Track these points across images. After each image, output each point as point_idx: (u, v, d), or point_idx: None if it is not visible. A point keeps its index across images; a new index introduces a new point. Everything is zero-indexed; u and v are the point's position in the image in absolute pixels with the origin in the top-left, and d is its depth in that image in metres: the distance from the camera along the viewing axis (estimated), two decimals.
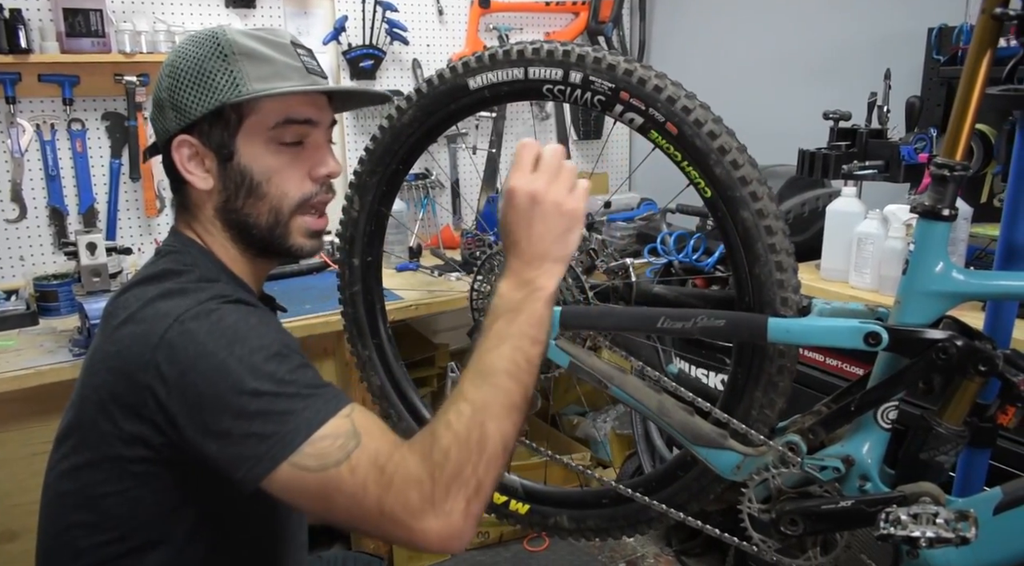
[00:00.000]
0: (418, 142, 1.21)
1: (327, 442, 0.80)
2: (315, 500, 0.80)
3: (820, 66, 2.55)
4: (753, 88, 2.77)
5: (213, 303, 0.87)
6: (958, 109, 0.90)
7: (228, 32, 0.96)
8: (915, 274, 0.95)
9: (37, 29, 2.18)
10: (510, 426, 0.84)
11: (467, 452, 0.80)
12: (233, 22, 2.44)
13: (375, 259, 1.33)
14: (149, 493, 0.90)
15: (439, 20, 2.85)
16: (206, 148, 0.96)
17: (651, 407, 1.08)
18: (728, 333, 1.02)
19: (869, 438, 1.00)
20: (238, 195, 0.97)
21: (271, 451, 0.80)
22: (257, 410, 0.80)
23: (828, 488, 1.00)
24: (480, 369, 0.86)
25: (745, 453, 1.04)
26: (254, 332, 0.85)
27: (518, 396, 0.85)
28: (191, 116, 0.94)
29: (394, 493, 0.78)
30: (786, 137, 2.07)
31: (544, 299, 0.90)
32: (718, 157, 0.98)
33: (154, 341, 0.83)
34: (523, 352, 0.87)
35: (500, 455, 0.83)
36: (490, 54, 1.09)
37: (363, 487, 0.79)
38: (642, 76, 1.00)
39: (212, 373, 0.81)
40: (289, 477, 0.80)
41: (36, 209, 2.32)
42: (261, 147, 0.96)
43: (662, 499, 1.15)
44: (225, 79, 0.93)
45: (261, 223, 0.98)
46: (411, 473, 0.79)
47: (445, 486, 0.78)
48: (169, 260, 0.95)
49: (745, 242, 0.99)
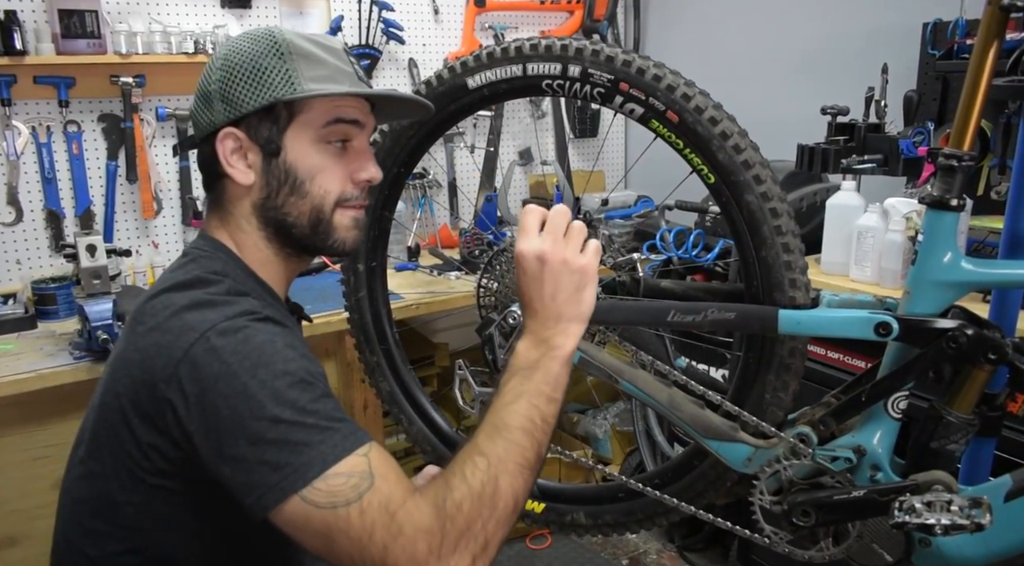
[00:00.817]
0: (419, 144, 1.21)
1: (340, 480, 0.79)
2: (318, 538, 0.79)
3: (816, 62, 2.56)
4: (749, 84, 2.78)
5: (242, 320, 0.86)
6: (965, 100, 0.91)
7: (285, 33, 0.97)
8: (924, 264, 0.95)
9: (32, 31, 2.17)
10: (522, 484, 0.84)
11: (479, 507, 0.80)
12: (229, 22, 2.44)
13: (380, 264, 1.33)
14: (165, 506, 0.89)
15: (435, 19, 2.85)
16: (252, 142, 0.96)
17: (662, 401, 1.08)
18: (738, 325, 1.03)
19: (880, 428, 1.00)
20: (280, 192, 0.97)
21: (282, 482, 0.78)
22: (274, 438, 0.79)
23: (840, 478, 1.01)
24: (496, 424, 0.86)
25: (756, 445, 1.04)
26: (280, 356, 0.84)
27: (532, 454, 0.86)
28: (242, 110, 0.94)
29: (402, 542, 0.77)
30: (783, 133, 2.08)
31: (560, 359, 0.91)
32: (720, 142, 0.98)
33: (178, 355, 0.83)
34: (539, 410, 0.88)
35: (511, 513, 0.83)
36: (488, 52, 1.10)
37: (370, 532, 0.77)
38: (640, 66, 1.00)
39: (233, 396, 0.80)
40: (296, 511, 0.78)
41: (32, 212, 2.31)
42: (308, 145, 0.97)
43: (673, 492, 1.15)
44: (280, 77, 0.94)
45: (303, 221, 0.98)
46: (422, 523, 0.78)
47: (454, 540, 0.78)
48: (199, 266, 0.94)
49: (751, 225, 0.99)
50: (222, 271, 0.94)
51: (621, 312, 1.09)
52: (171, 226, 2.53)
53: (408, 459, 2.54)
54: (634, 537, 2.55)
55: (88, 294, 1.87)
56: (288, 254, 1.02)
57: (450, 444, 1.34)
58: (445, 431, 1.36)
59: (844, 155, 1.84)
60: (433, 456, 1.35)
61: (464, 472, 0.82)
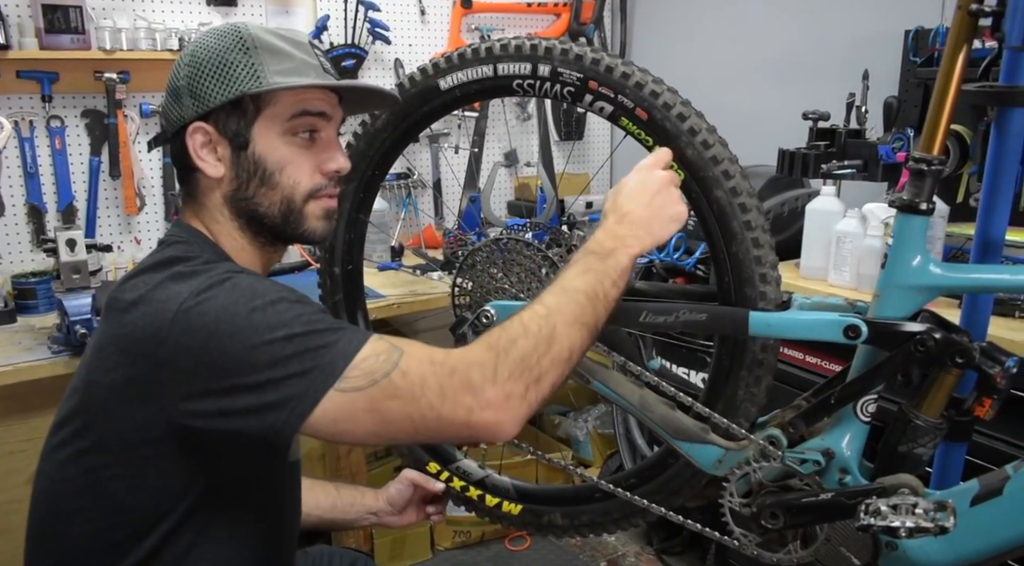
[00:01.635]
0: (393, 146, 1.21)
1: (370, 361, 0.83)
2: (367, 421, 0.82)
3: (800, 67, 2.58)
4: (733, 89, 2.80)
5: (224, 275, 0.88)
6: (935, 105, 0.91)
7: (250, 27, 0.98)
8: (894, 268, 0.96)
9: (16, 25, 2.15)
10: (579, 337, 0.88)
11: (535, 343, 0.84)
12: (215, 20, 2.43)
13: (356, 267, 1.33)
14: (155, 476, 0.90)
15: (421, 20, 2.85)
16: (221, 136, 0.97)
17: (633, 402, 1.08)
18: (709, 326, 1.03)
19: (849, 431, 1.01)
20: (250, 184, 0.99)
21: (314, 384, 0.81)
22: (293, 352, 0.82)
23: (808, 481, 1.01)
24: (563, 285, 0.91)
25: (726, 447, 1.05)
26: (271, 288, 0.88)
27: (591, 316, 0.89)
28: (210, 104, 0.95)
29: (457, 377, 0.82)
30: (766, 137, 2.09)
31: (630, 255, 0.95)
32: (688, 138, 0.99)
33: (169, 317, 0.84)
34: (603, 287, 0.92)
35: (565, 358, 0.86)
36: (459, 53, 1.10)
37: (420, 384, 0.82)
38: (609, 64, 1.01)
39: (237, 331, 0.82)
40: (338, 404, 0.82)
41: (14, 207, 2.29)
42: (276, 138, 0.98)
43: (648, 492, 1.16)
44: (246, 70, 0.95)
45: (273, 211, 1.00)
46: (474, 357, 0.83)
47: (508, 368, 0.82)
48: (175, 249, 0.96)
49: (720, 221, 1.00)
50: (198, 251, 0.96)
51: None
52: (154, 222, 2.51)
53: (387, 460, 2.54)
54: (612, 539, 2.56)
55: (67, 288, 1.86)
56: (262, 243, 1.03)
57: (428, 446, 1.34)
58: None
59: (824, 160, 1.85)
60: (410, 458, 1.35)
61: (521, 316, 0.87)
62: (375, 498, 1.37)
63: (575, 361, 0.89)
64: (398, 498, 1.37)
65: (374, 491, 1.39)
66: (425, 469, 1.34)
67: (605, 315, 0.92)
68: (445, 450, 1.34)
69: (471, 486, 1.32)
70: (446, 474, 1.33)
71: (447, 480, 1.33)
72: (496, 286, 1.17)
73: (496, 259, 1.18)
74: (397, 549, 2.47)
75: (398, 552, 2.48)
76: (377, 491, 1.38)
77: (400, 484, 1.37)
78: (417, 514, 1.40)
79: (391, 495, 1.37)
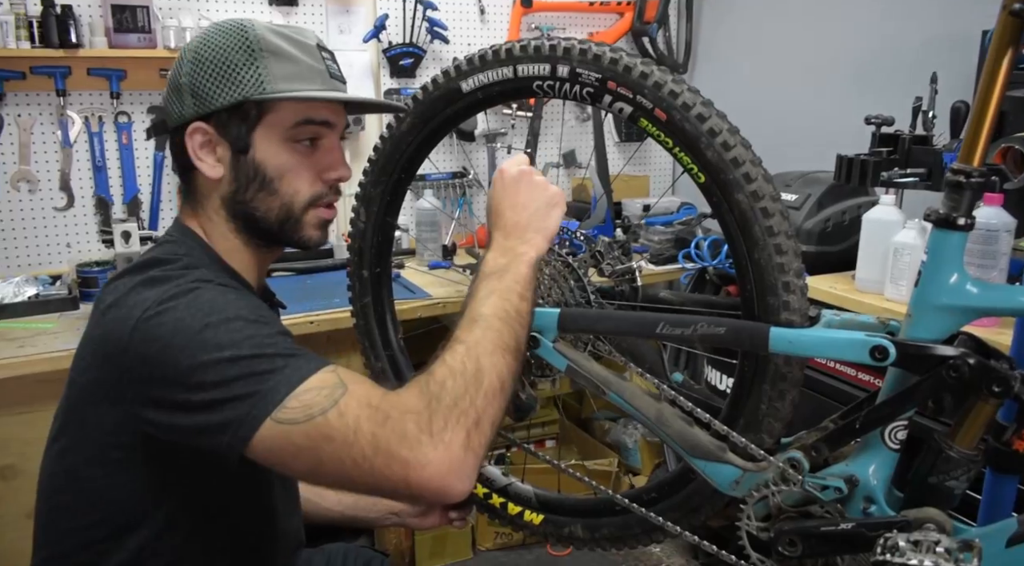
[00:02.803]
0: (418, 149, 1.21)
1: (311, 394, 0.78)
2: (302, 457, 0.78)
3: (869, 69, 2.46)
4: (800, 91, 2.69)
5: (193, 284, 0.87)
6: (976, 113, 0.85)
7: (256, 27, 0.96)
8: (927, 286, 0.89)
9: (87, 24, 2.24)
10: (504, 364, 0.84)
11: (464, 383, 0.80)
12: (275, 19, 2.48)
13: (384, 270, 1.33)
14: (129, 478, 0.90)
15: (480, 19, 2.85)
16: (221, 138, 0.97)
17: (650, 416, 1.04)
18: (728, 341, 0.98)
19: (875, 458, 0.95)
20: (248, 188, 0.98)
21: (253, 410, 0.78)
22: (238, 374, 0.79)
23: (830, 509, 0.95)
24: (471, 317, 0.88)
25: (744, 468, 1.00)
26: (231, 304, 0.85)
27: (509, 338, 0.87)
28: (211, 106, 0.95)
29: (390, 426, 0.76)
30: (833, 142, 2.00)
31: (527, 262, 0.94)
32: (708, 140, 0.95)
33: (132, 323, 0.84)
34: (511, 303, 0.90)
35: (498, 389, 0.83)
36: (480, 55, 1.09)
37: (354, 428, 0.76)
38: (628, 64, 0.98)
39: (189, 346, 0.81)
40: (273, 435, 0.77)
41: (83, 198, 2.40)
42: (277, 145, 0.97)
43: (664, 510, 1.12)
44: (250, 74, 0.94)
45: (271, 217, 0.99)
46: (408, 404, 0.78)
47: (443, 415, 0.77)
48: (162, 249, 0.97)
49: (742, 226, 0.96)
50: (184, 252, 0.96)
51: (611, 322, 1.06)
52: None
53: None
54: (657, 550, 2.50)
55: None
56: (257, 245, 1.02)
57: None
58: None
59: (886, 167, 1.75)
60: None
61: (443, 358, 0.83)
62: None
63: (508, 389, 0.85)
64: None
65: None
66: None
67: (525, 330, 0.91)
68: None
69: (494, 493, 1.30)
70: None
71: None
72: None
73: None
74: (438, 547, 2.48)
75: (439, 550, 2.48)
76: None
77: None
78: (440, 518, 1.38)
79: None
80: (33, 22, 2.14)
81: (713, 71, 3.10)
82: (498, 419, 0.82)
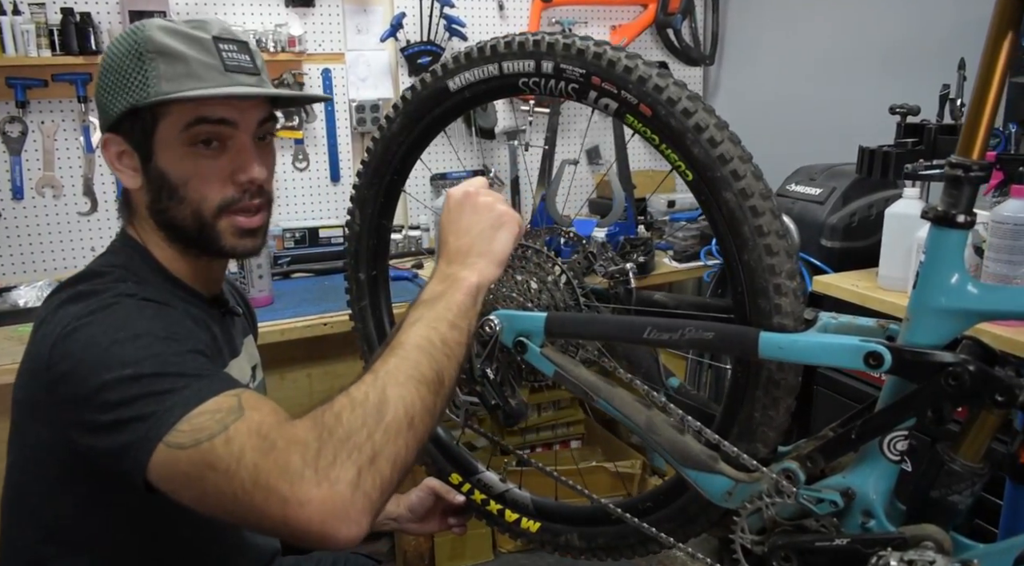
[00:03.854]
0: (410, 150, 1.18)
1: (205, 417, 0.73)
2: (190, 486, 0.73)
3: (900, 57, 2.36)
4: (828, 80, 2.60)
5: (113, 298, 0.85)
6: (975, 101, 0.79)
7: (147, 29, 0.93)
8: (925, 288, 0.84)
9: (106, 31, 2.27)
10: (416, 397, 0.76)
11: (362, 416, 0.72)
12: (292, 21, 2.48)
13: (381, 273, 1.31)
14: (71, 496, 0.89)
15: (499, 15, 2.81)
16: (130, 147, 0.95)
17: (639, 423, 1.01)
18: (717, 346, 0.94)
19: (874, 470, 0.90)
20: (160, 196, 0.95)
21: (148, 432, 0.73)
22: (138, 393, 0.76)
23: (825, 523, 0.91)
24: (391, 345, 0.82)
25: (736, 479, 0.95)
26: (144, 321, 0.82)
27: (428, 369, 0.79)
28: (111, 116, 0.93)
29: (273, 457, 0.69)
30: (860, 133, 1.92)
31: (464, 289, 0.87)
32: (694, 136, 0.90)
33: (52, 340, 0.83)
34: (438, 332, 0.83)
35: (405, 425, 0.74)
36: (465, 53, 1.06)
37: (238, 456, 0.70)
38: (612, 58, 0.94)
39: (97, 364, 0.78)
40: (164, 460, 0.72)
41: (106, 203, 2.43)
42: (177, 149, 0.93)
43: (658, 520, 1.08)
44: (137, 79, 0.90)
45: (186, 225, 0.96)
46: (296, 435, 0.71)
47: (333, 450, 0.69)
48: (99, 261, 0.96)
49: (731, 225, 0.91)
50: (121, 264, 0.94)
51: (597, 326, 1.02)
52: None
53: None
54: (682, 554, 2.44)
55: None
56: (195, 254, 0.99)
57: (450, 455, 1.31)
58: (445, 442, 1.32)
59: (910, 159, 1.67)
60: (434, 467, 1.32)
61: (348, 388, 0.76)
62: (396, 504, 1.35)
63: (421, 426, 0.76)
64: (419, 506, 1.34)
65: (395, 496, 1.36)
66: (448, 479, 1.31)
67: (452, 361, 0.83)
68: (467, 460, 1.30)
69: (492, 499, 1.28)
70: (468, 486, 1.29)
71: (468, 492, 1.29)
72: (504, 294, 1.12)
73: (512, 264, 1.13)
74: (458, 549, 2.46)
75: (459, 552, 2.47)
76: (399, 496, 1.36)
77: (421, 492, 1.34)
78: (439, 524, 1.37)
79: (412, 502, 1.34)
80: (53, 30, 2.17)
81: (740, 61, 3.02)
82: (403, 458, 0.73)
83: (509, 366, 1.12)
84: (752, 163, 0.92)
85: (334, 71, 2.61)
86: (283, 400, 2.40)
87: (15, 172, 2.28)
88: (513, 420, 1.11)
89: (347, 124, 2.65)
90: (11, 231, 2.32)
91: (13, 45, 2.13)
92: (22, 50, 2.14)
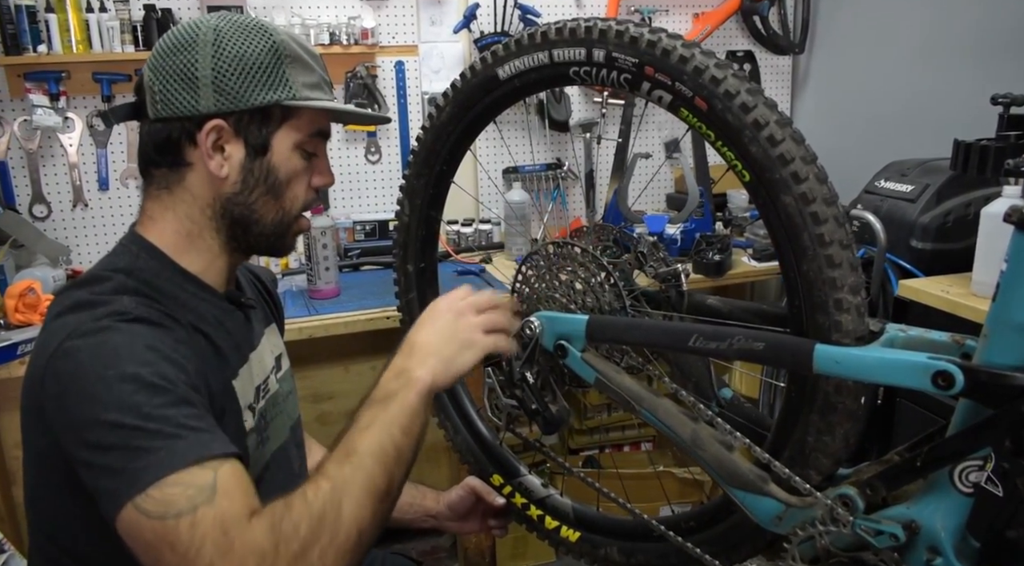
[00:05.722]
0: (458, 141, 1.15)
1: (176, 490, 0.74)
2: (148, 551, 0.74)
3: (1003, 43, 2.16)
4: (926, 69, 2.42)
5: (107, 321, 0.83)
6: None
7: (279, 31, 0.96)
8: (1007, 301, 0.75)
9: None
10: (369, 514, 0.80)
11: (319, 531, 0.76)
12: (365, 14, 2.48)
13: (429, 265, 1.28)
14: (71, 502, 0.88)
15: (576, 4, 2.74)
16: (237, 138, 0.94)
17: (684, 436, 0.94)
18: (768, 358, 0.86)
19: (942, 502, 0.81)
20: (255, 190, 0.97)
21: (119, 488, 0.75)
22: (113, 443, 0.76)
23: (885, 558, 0.82)
24: (346, 449, 0.83)
25: (787, 503, 0.88)
26: (134, 359, 0.80)
27: (382, 482, 0.82)
28: (240, 104, 0.92)
29: (230, 560, 0.72)
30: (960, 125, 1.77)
31: (418, 390, 0.88)
32: (753, 133, 0.82)
33: (46, 355, 0.82)
34: (392, 439, 0.84)
35: (354, 545, 0.78)
36: (516, 39, 1.01)
37: (198, 547, 0.72)
38: (666, 47, 0.87)
39: (82, 398, 0.78)
40: (130, 519, 0.74)
41: None
42: (290, 151, 0.98)
43: (702, 541, 1.01)
44: (279, 79, 0.94)
45: (266, 221, 0.99)
46: (254, 542, 0.73)
47: (286, 563, 0.73)
48: (102, 263, 0.95)
49: (789, 232, 0.83)
50: (124, 267, 0.92)
51: (639, 332, 0.96)
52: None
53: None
54: None
55: None
56: (233, 248, 1.00)
57: (493, 456, 1.27)
58: (489, 442, 1.29)
59: (1011, 153, 1.53)
60: (476, 467, 1.29)
61: (306, 494, 0.78)
62: (435, 501, 1.33)
63: (368, 539, 0.80)
64: (459, 505, 1.31)
65: (436, 493, 1.34)
66: (489, 480, 1.27)
67: (402, 469, 0.85)
68: (510, 462, 1.26)
69: (532, 504, 1.24)
70: (509, 488, 1.26)
71: (509, 495, 1.26)
72: (547, 294, 1.07)
73: (551, 265, 1.08)
74: (520, 548, 2.43)
75: (521, 551, 2.44)
76: (439, 494, 1.34)
77: (462, 491, 1.31)
78: (480, 525, 1.33)
79: (452, 500, 1.31)
80: (136, 26, 2.25)
81: (833, 49, 2.84)
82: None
83: (551, 370, 1.07)
84: (816, 164, 0.83)
85: (407, 63, 2.60)
86: (348, 392, 2.41)
87: (101, 164, 2.37)
88: (553, 427, 1.06)
89: (419, 117, 2.64)
90: (96, 220, 2.42)
91: (100, 41, 2.22)
92: (107, 46, 2.22)
